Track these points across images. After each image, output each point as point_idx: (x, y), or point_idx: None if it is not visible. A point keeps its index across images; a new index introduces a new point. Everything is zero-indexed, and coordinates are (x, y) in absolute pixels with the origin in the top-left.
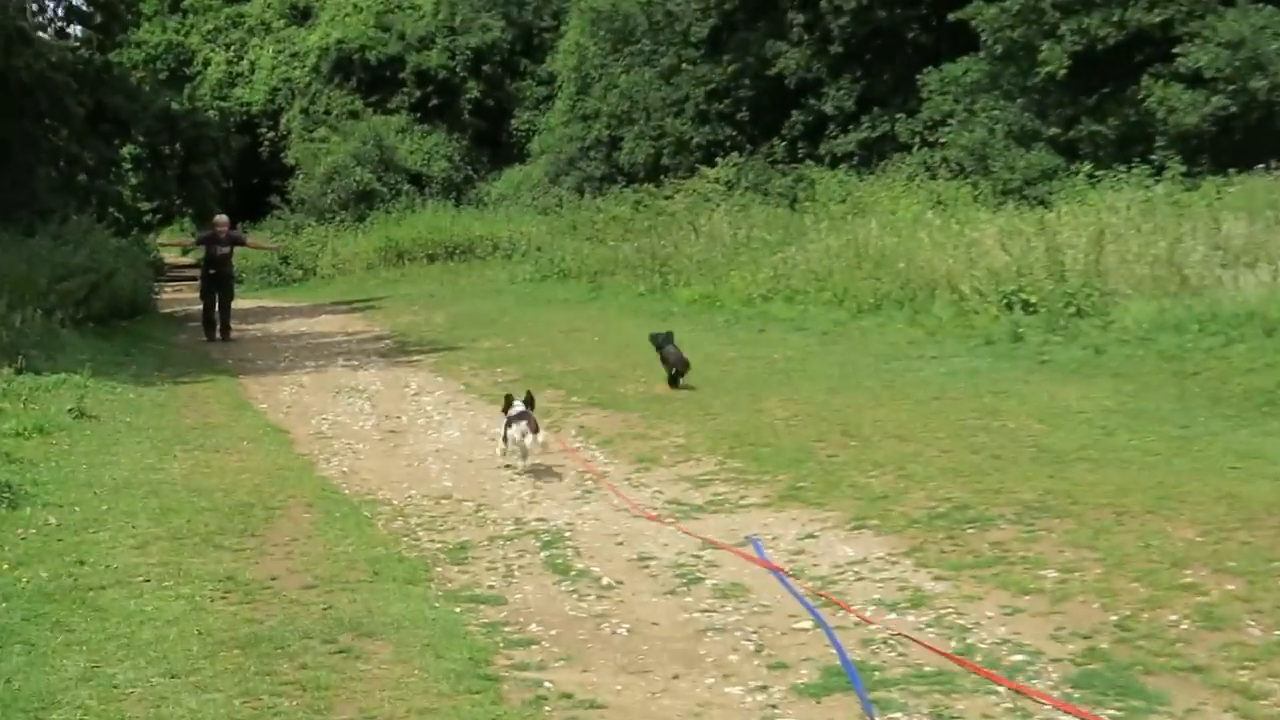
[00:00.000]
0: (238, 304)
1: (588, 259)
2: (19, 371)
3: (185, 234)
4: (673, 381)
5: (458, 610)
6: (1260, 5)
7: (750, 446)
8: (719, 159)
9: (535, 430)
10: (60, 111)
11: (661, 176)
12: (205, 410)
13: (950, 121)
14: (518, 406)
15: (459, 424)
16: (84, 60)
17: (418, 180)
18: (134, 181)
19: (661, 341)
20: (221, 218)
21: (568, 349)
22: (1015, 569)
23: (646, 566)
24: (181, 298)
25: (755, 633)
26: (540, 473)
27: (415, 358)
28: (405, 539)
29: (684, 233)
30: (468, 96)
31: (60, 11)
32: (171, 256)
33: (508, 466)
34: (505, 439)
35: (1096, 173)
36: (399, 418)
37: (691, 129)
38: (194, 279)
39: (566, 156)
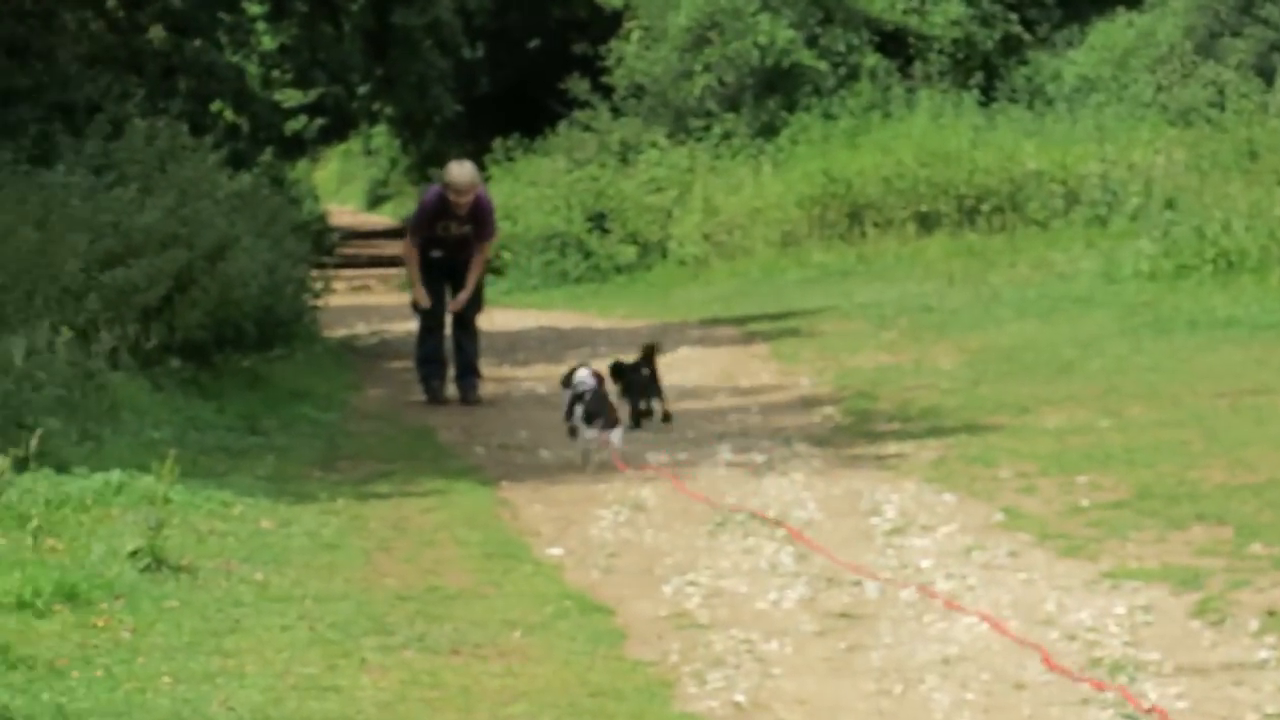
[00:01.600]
0: (498, 319)
1: None
2: (22, 466)
3: (380, 175)
4: (635, 420)
5: None
6: None
7: None
8: None
9: (614, 425)
10: None
11: None
12: (428, 558)
13: None
14: (584, 379)
15: (991, 599)
16: None
17: (897, 45)
18: (269, 45)
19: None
20: (462, 171)
21: (1240, 436)
22: None
23: None
24: (371, 304)
25: None
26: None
27: (891, 448)
28: None
29: None
30: None
31: None
32: (351, 214)
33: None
34: (578, 433)
35: None
36: (857, 583)
37: None
38: (396, 266)
39: None
